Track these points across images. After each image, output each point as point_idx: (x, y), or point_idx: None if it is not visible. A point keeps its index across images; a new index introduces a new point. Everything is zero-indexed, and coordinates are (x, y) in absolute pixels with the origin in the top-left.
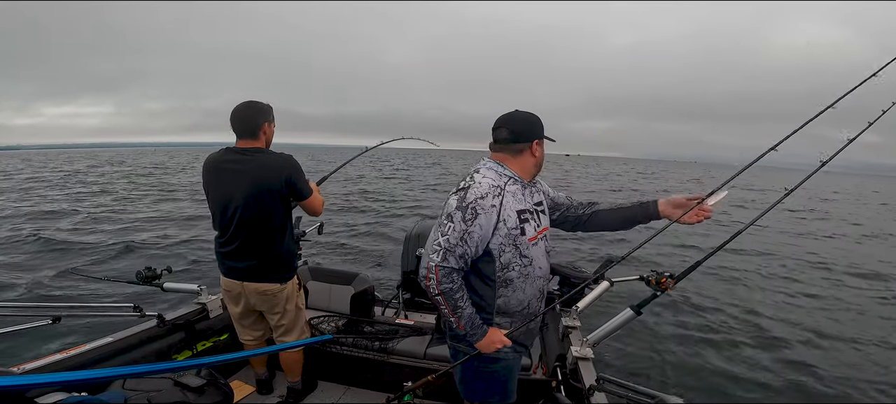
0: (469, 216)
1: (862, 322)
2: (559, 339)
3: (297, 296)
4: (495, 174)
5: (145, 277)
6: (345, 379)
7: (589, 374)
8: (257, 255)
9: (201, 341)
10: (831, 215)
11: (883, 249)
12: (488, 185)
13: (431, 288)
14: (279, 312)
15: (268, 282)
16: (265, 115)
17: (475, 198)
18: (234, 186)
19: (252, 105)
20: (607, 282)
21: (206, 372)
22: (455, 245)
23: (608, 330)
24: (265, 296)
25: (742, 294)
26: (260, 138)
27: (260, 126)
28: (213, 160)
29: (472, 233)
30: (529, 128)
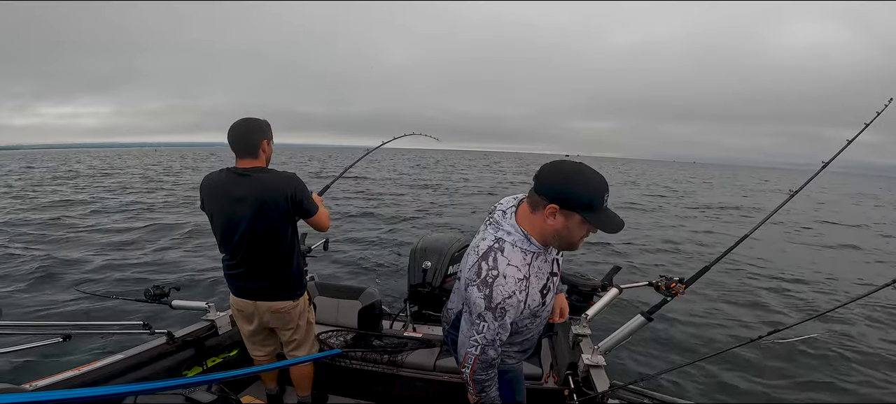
0: (499, 315)
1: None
2: (570, 348)
3: (308, 312)
4: (521, 256)
5: (154, 295)
6: (355, 392)
7: (601, 382)
8: (268, 276)
9: (211, 357)
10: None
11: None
12: (513, 280)
13: (465, 373)
14: (292, 328)
15: (280, 301)
16: (263, 133)
17: (503, 299)
18: (239, 209)
19: (250, 123)
20: (616, 289)
21: (216, 387)
22: (492, 340)
23: (620, 337)
24: (278, 313)
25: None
26: (260, 156)
27: (259, 144)
28: (214, 181)
29: (505, 326)
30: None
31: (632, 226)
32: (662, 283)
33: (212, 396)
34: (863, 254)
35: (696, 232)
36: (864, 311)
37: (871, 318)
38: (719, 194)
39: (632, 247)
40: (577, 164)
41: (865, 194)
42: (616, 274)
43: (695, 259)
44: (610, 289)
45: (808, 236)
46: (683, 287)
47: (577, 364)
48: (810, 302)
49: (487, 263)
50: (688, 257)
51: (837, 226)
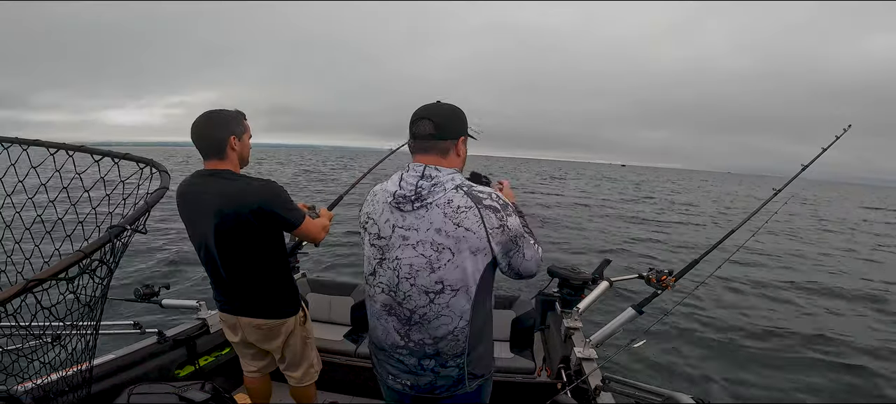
0: (510, 207)
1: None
2: (562, 341)
3: (303, 329)
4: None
5: (143, 294)
6: (349, 389)
7: (594, 375)
8: (247, 292)
9: (203, 356)
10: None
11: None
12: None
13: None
14: (279, 346)
15: (266, 318)
16: (229, 127)
17: (507, 201)
18: (200, 218)
19: (212, 117)
20: (607, 282)
21: (210, 385)
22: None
23: (610, 330)
24: (261, 329)
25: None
26: (228, 156)
27: (224, 141)
28: (183, 187)
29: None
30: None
31: None
32: (653, 276)
33: (205, 394)
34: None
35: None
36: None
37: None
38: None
39: (623, 250)
40: (439, 102)
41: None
42: (606, 267)
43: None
44: (600, 282)
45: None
46: (674, 279)
47: (570, 357)
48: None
49: (484, 199)
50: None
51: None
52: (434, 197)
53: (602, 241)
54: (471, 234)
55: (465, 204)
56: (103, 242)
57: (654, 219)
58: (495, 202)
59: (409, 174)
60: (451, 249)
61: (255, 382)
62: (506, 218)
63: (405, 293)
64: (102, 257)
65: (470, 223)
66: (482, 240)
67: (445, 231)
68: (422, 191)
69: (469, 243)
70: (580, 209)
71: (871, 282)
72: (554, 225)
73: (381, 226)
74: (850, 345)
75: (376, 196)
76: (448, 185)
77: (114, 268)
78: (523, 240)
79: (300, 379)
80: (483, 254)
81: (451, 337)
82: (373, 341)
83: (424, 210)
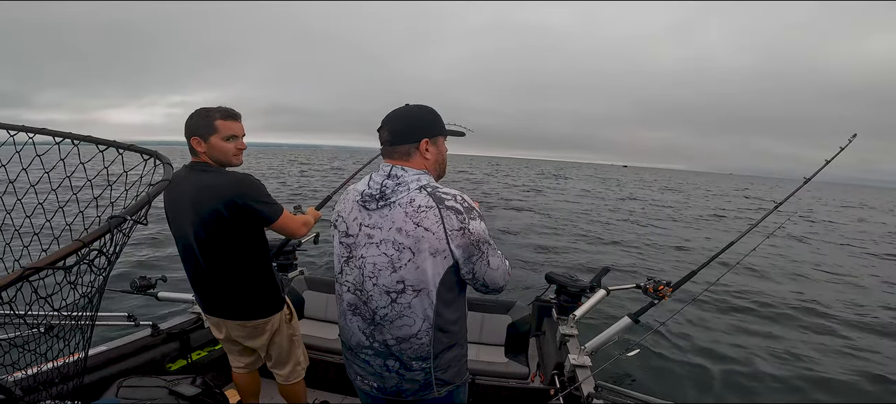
0: (475, 211)
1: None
2: (557, 348)
3: (288, 327)
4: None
5: (140, 287)
6: (343, 388)
7: (587, 382)
8: (226, 292)
9: (196, 351)
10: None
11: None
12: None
13: (506, 283)
14: (265, 344)
15: (248, 319)
16: (191, 128)
17: (477, 206)
18: (178, 212)
19: (195, 113)
20: (604, 291)
21: (201, 380)
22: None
23: (606, 338)
24: (245, 328)
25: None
26: (200, 157)
27: (188, 141)
28: (173, 179)
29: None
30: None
31: None
32: (650, 286)
33: (196, 389)
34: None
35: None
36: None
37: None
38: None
39: (620, 257)
40: (406, 105)
41: None
42: (605, 275)
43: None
44: (598, 290)
45: None
46: (671, 290)
47: (564, 364)
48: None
49: (448, 199)
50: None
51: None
52: (397, 196)
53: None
54: (430, 235)
55: (427, 203)
56: (103, 232)
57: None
58: (458, 204)
59: (377, 174)
60: (411, 249)
61: (243, 378)
62: (468, 221)
63: (368, 292)
64: (102, 247)
65: (429, 223)
66: (441, 242)
67: (406, 230)
68: (386, 190)
69: (428, 243)
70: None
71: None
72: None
73: (349, 225)
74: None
75: (347, 195)
76: (412, 185)
77: (113, 259)
78: (488, 247)
79: (287, 377)
80: (442, 256)
81: (414, 339)
82: (342, 340)
83: (388, 209)
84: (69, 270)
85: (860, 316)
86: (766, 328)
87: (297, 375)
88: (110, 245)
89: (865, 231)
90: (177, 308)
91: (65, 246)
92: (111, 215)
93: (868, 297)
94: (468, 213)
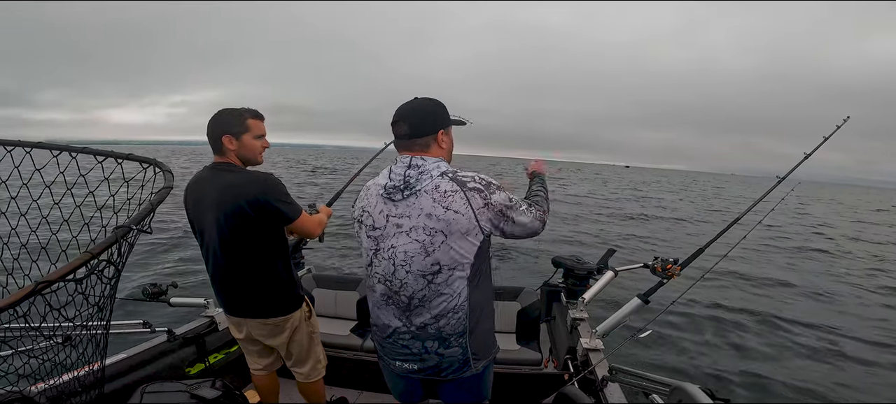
0: (494, 185)
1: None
2: (568, 332)
3: (308, 325)
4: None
5: (152, 293)
6: (356, 383)
7: (601, 365)
8: (249, 290)
9: (213, 354)
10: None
11: None
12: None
13: (545, 222)
14: (285, 342)
15: (270, 317)
16: (223, 126)
17: (500, 185)
18: (202, 212)
19: (215, 116)
20: (612, 272)
21: (220, 383)
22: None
23: (617, 319)
24: (266, 326)
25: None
26: (226, 155)
27: (218, 139)
28: (193, 179)
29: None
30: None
31: None
32: (658, 265)
33: (216, 392)
34: None
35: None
36: None
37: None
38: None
39: (627, 240)
40: (414, 99)
41: None
42: (611, 257)
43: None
44: (606, 272)
45: None
46: (679, 268)
47: (576, 348)
48: None
49: (469, 182)
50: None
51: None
52: (422, 184)
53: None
54: (460, 216)
55: (451, 188)
56: (110, 243)
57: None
58: (479, 183)
59: (397, 166)
60: (443, 232)
61: (262, 380)
62: (489, 195)
63: (401, 280)
64: (109, 258)
65: (458, 206)
66: (471, 221)
67: (436, 215)
68: (410, 179)
69: (459, 225)
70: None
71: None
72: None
73: (375, 218)
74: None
75: (369, 190)
76: (434, 172)
77: (121, 268)
78: (512, 209)
79: (307, 375)
80: (474, 234)
81: (451, 314)
82: (376, 330)
83: (414, 197)
84: (80, 282)
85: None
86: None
87: (317, 373)
88: (117, 255)
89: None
90: (190, 312)
91: (74, 258)
92: (116, 225)
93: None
94: (488, 189)
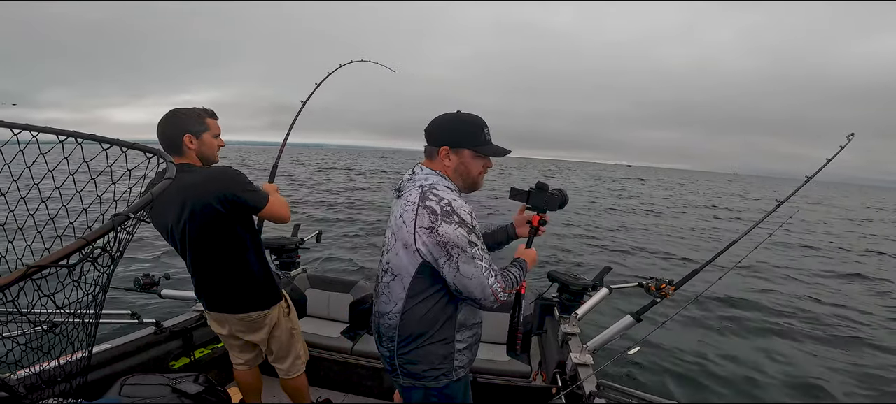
0: (477, 232)
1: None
2: (559, 346)
3: (287, 321)
4: (447, 189)
5: (143, 284)
6: (344, 386)
7: (589, 381)
8: (227, 286)
9: (199, 348)
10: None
11: None
12: (461, 200)
13: (500, 298)
14: (265, 338)
15: (247, 312)
16: (185, 125)
17: (469, 214)
18: (170, 215)
19: (169, 116)
20: (606, 289)
21: (204, 377)
22: (491, 261)
23: (608, 336)
24: (245, 322)
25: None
26: (186, 155)
27: (179, 139)
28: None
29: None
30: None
31: None
32: (652, 285)
33: (199, 387)
34: None
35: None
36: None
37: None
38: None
39: (624, 256)
40: (454, 112)
41: None
42: (607, 274)
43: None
44: (600, 289)
45: None
46: (673, 289)
47: (566, 362)
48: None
49: (431, 200)
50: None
51: None
52: (406, 190)
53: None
54: (405, 228)
55: (413, 199)
56: (106, 230)
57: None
58: (438, 205)
59: (408, 171)
60: (395, 236)
61: (244, 375)
62: (440, 223)
63: (382, 268)
64: (105, 245)
65: (407, 217)
66: (410, 236)
67: (397, 220)
68: (403, 184)
69: (402, 235)
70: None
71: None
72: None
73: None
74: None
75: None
76: (418, 182)
77: (117, 257)
78: (460, 253)
79: (288, 371)
80: (412, 250)
81: (387, 316)
82: None
83: (399, 200)
84: (72, 268)
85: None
86: (767, 326)
87: (297, 369)
88: (114, 243)
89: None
90: (179, 306)
91: (68, 244)
92: (115, 213)
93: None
94: (445, 217)
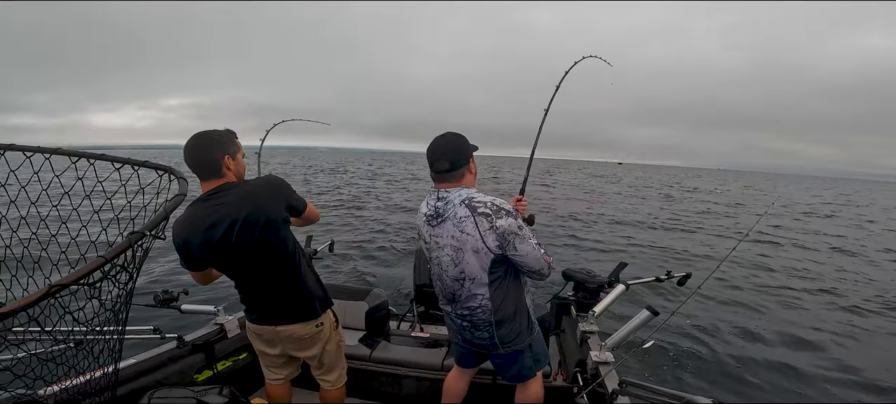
0: (514, 213)
1: None
2: (578, 345)
3: (337, 335)
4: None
5: (163, 300)
6: (364, 393)
7: (611, 378)
8: (282, 297)
9: (221, 361)
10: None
11: None
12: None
13: (550, 268)
14: (318, 353)
15: (302, 322)
16: (223, 147)
17: (512, 208)
18: (223, 236)
19: (204, 139)
20: (623, 285)
21: (227, 390)
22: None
23: (627, 332)
24: (303, 340)
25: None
26: (225, 176)
27: (219, 161)
28: (186, 220)
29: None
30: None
31: None
32: (670, 276)
33: (223, 399)
34: None
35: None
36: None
37: None
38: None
39: (636, 252)
40: (447, 133)
41: None
42: (622, 270)
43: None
44: (616, 285)
45: None
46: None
47: (586, 360)
48: None
49: (480, 207)
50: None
51: None
52: (447, 213)
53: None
54: (470, 237)
55: (465, 214)
56: (124, 248)
57: None
58: (487, 209)
59: (432, 199)
60: (462, 249)
61: (277, 389)
62: (495, 220)
63: (444, 282)
64: (124, 263)
65: (469, 229)
66: (478, 241)
67: (455, 236)
68: (440, 210)
69: (470, 244)
70: None
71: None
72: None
73: (425, 236)
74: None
75: (418, 216)
76: (455, 201)
77: (135, 273)
78: (515, 237)
79: (335, 383)
80: (483, 252)
81: (479, 310)
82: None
83: (443, 223)
84: (94, 286)
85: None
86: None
87: (342, 380)
88: (132, 260)
89: None
90: (200, 319)
91: (89, 263)
92: (131, 231)
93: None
94: (495, 214)
